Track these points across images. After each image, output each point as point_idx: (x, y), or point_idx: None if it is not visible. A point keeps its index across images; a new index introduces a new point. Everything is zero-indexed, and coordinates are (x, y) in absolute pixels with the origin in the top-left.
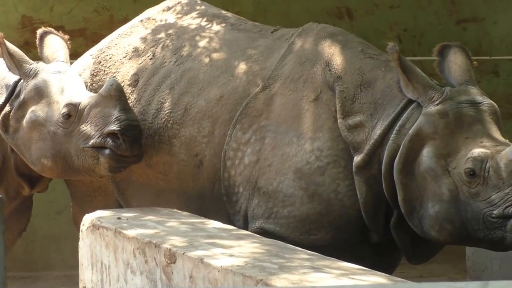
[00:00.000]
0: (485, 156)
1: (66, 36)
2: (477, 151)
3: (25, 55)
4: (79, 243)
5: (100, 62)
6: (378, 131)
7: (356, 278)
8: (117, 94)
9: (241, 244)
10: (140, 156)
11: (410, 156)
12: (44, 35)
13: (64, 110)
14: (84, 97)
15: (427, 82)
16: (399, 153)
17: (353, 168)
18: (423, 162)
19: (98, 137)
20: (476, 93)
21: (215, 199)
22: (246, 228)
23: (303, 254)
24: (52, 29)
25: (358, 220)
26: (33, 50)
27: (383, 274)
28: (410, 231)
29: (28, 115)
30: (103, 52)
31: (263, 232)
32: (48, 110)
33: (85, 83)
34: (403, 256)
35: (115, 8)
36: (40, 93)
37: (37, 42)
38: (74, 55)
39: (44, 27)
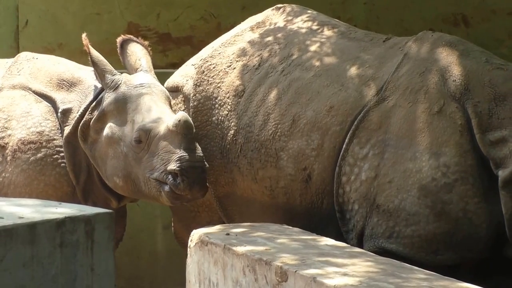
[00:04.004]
0: None
1: (146, 43)
2: None
3: (109, 64)
4: (187, 259)
5: (204, 72)
6: None
7: None
8: (183, 132)
9: (355, 263)
10: (202, 194)
11: None
12: (124, 43)
13: (136, 135)
14: (156, 125)
15: None
16: None
17: (499, 182)
18: None
19: (161, 172)
20: None
21: (323, 215)
22: (360, 247)
23: (420, 273)
24: (132, 36)
25: (488, 239)
26: None
27: None
28: None
29: (105, 130)
30: (207, 61)
31: (384, 252)
32: (124, 128)
33: (188, 94)
34: None
35: (223, 16)
36: (119, 109)
37: (118, 51)
38: (181, 63)
39: (132, 35)
